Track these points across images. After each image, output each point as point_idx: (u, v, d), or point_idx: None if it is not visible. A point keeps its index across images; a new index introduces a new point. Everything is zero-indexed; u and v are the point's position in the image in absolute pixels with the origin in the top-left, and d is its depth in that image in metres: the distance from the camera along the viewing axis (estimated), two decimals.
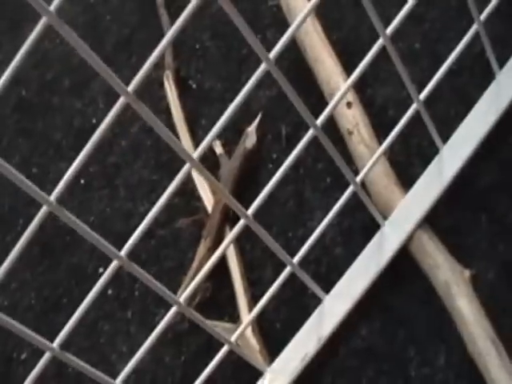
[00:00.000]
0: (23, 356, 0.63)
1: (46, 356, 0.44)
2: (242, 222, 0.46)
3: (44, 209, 0.38)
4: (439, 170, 0.51)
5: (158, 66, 0.69)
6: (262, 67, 0.39)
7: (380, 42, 0.46)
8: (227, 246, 0.47)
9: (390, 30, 0.45)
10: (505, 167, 0.52)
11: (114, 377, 0.58)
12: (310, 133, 0.45)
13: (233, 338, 0.49)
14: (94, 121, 0.70)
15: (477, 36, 0.52)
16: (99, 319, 0.61)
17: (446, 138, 0.53)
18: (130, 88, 0.36)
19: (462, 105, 0.55)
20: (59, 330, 0.66)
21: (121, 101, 0.36)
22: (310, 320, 0.51)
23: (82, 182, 0.68)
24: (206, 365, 0.52)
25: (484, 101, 0.54)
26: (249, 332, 0.52)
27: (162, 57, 0.69)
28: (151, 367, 0.57)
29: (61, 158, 0.70)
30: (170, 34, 0.37)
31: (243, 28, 0.37)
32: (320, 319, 0.51)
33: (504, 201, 0.51)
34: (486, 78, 0.55)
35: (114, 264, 0.43)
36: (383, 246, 0.51)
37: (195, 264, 0.56)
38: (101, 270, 0.63)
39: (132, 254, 0.66)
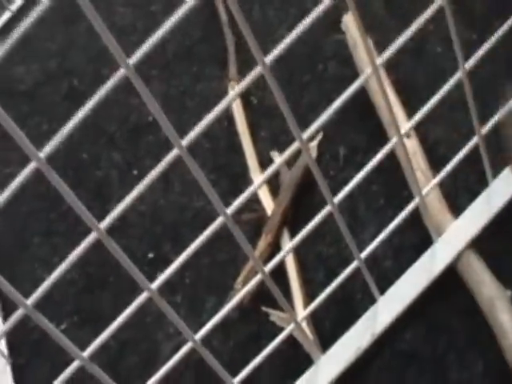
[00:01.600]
0: (62, 326, 0.67)
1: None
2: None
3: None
4: (489, 200, 0.61)
5: (222, 77, 0.76)
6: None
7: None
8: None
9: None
10: None
11: (158, 354, 0.63)
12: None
13: (299, 318, 0.55)
14: (150, 119, 0.76)
15: None
16: (146, 300, 0.66)
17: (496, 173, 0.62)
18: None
19: None
20: (104, 307, 0.71)
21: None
22: (364, 317, 0.59)
23: (135, 172, 0.74)
24: (254, 353, 0.58)
25: None
26: (304, 324, 0.58)
27: (226, 68, 0.77)
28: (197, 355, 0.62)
29: (114, 148, 0.76)
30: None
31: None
32: (374, 317, 0.58)
33: None
34: None
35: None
36: (435, 260, 0.59)
37: (256, 255, 0.61)
38: (150, 255, 0.68)
39: (182, 243, 0.72)
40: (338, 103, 0.50)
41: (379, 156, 0.55)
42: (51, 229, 0.73)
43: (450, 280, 0.60)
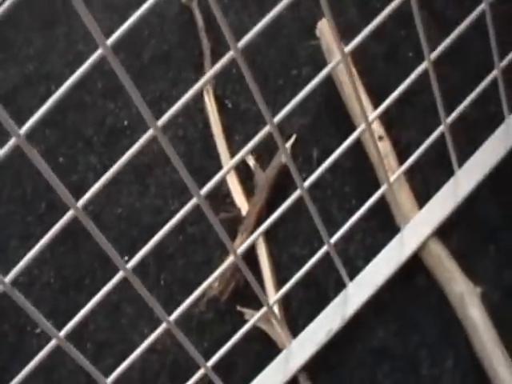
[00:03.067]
0: (37, 330, 0.68)
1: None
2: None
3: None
4: (455, 189, 0.64)
5: (198, 80, 0.78)
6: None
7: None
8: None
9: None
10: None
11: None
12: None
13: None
14: (125, 123, 0.78)
15: None
16: (121, 301, 0.68)
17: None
18: (160, 122, 0.46)
19: (483, 132, 0.66)
20: (79, 308, 0.72)
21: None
22: (334, 301, 0.62)
23: None
24: (229, 353, 0.59)
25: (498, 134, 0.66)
26: (275, 310, 0.60)
27: (202, 71, 0.78)
28: (173, 350, 0.64)
29: (91, 151, 0.77)
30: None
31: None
32: (345, 301, 0.61)
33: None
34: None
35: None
36: (403, 246, 0.62)
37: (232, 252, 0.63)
38: (126, 257, 0.69)
39: (159, 246, 0.73)
40: (308, 88, 0.52)
41: (348, 141, 0.58)
42: (28, 232, 0.74)
43: (421, 277, 0.62)
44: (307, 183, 0.56)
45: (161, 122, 0.47)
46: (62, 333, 0.51)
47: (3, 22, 0.75)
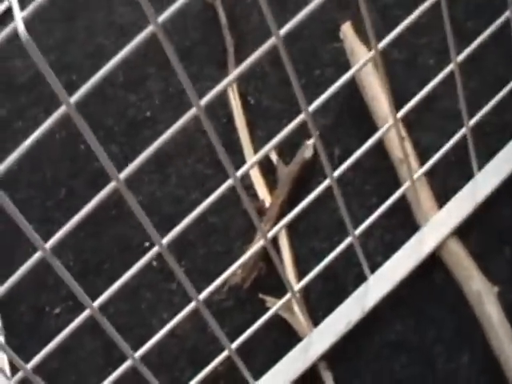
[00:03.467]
0: (56, 310, 0.69)
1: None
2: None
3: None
4: (474, 191, 0.66)
5: (221, 77, 0.79)
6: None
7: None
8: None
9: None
10: None
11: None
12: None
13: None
14: (148, 114, 0.79)
15: None
16: (141, 287, 0.69)
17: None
18: (203, 102, 0.47)
19: (501, 140, 0.69)
20: (98, 293, 0.73)
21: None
22: (355, 293, 0.63)
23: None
24: (249, 341, 0.60)
25: None
26: (296, 306, 0.61)
27: (225, 69, 0.80)
28: (192, 335, 0.65)
29: (112, 140, 0.78)
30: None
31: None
32: (365, 293, 0.62)
33: None
34: None
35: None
36: (423, 242, 0.64)
37: (255, 242, 0.64)
38: (146, 244, 0.71)
39: (179, 235, 0.74)
40: (340, 82, 0.54)
41: (376, 135, 0.60)
42: (47, 216, 0.75)
43: (439, 275, 0.63)
44: (337, 173, 0.57)
45: (203, 101, 0.48)
46: (96, 303, 0.51)
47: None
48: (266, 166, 0.72)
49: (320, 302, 0.64)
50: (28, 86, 0.85)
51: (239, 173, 0.53)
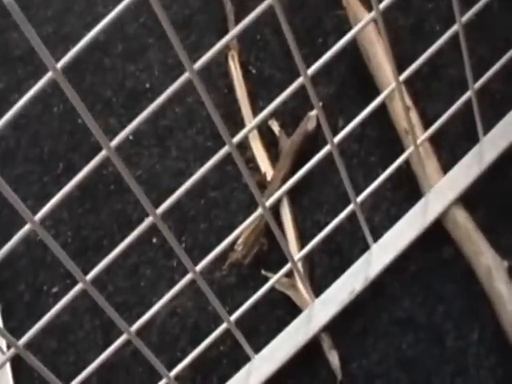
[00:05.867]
0: (54, 289, 0.66)
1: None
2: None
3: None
4: (480, 156, 0.62)
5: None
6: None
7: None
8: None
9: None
10: None
11: (152, 319, 0.62)
12: None
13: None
14: (147, 85, 0.75)
15: None
16: (141, 264, 0.66)
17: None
18: (196, 66, 0.44)
19: (509, 106, 0.65)
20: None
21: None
22: (358, 262, 0.60)
23: (131, 137, 0.73)
24: (251, 318, 0.57)
25: None
26: (299, 281, 0.59)
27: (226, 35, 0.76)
28: (193, 314, 0.62)
29: (110, 113, 0.75)
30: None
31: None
32: (368, 262, 0.60)
33: None
34: None
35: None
36: (428, 209, 0.61)
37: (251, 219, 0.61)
38: (146, 219, 0.67)
39: (179, 210, 0.71)
40: (340, 44, 0.52)
41: (379, 98, 0.56)
42: (45, 191, 0.71)
43: (448, 250, 0.60)
44: (337, 139, 0.54)
45: (197, 65, 0.45)
46: (89, 277, 0.48)
47: None
48: (268, 140, 0.69)
49: (325, 278, 0.61)
50: (25, 59, 0.81)
51: (236, 139, 0.50)
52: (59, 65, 0.41)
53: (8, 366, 0.62)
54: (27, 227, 0.46)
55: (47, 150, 0.74)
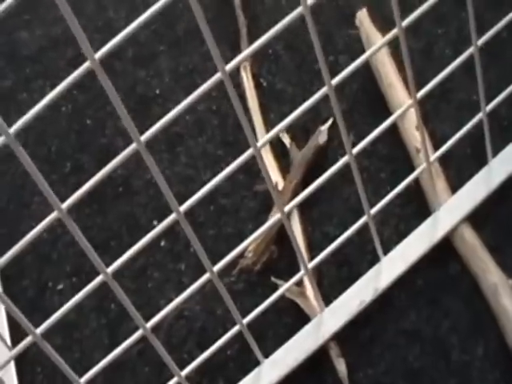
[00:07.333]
0: (59, 286, 0.66)
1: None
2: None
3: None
4: (488, 177, 0.65)
5: (234, 57, 0.77)
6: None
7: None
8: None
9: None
10: None
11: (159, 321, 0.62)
12: None
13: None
14: (157, 91, 0.76)
15: None
16: (149, 266, 0.66)
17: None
18: (228, 67, 0.46)
19: None
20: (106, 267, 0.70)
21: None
22: (367, 274, 0.62)
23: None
24: (259, 325, 0.58)
25: None
26: (308, 290, 0.59)
27: (237, 49, 0.77)
28: (201, 317, 0.62)
29: (119, 116, 0.75)
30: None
31: None
32: (377, 274, 0.61)
33: None
34: None
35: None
36: (437, 225, 0.63)
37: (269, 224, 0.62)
38: (155, 222, 0.68)
39: (189, 216, 0.72)
40: (358, 62, 0.53)
41: (394, 116, 0.58)
42: (52, 190, 0.71)
43: (454, 266, 0.62)
44: (355, 150, 0.55)
45: (228, 67, 0.48)
46: (110, 269, 0.49)
47: None
48: (278, 151, 0.70)
49: (333, 288, 0.62)
50: (33, 58, 0.82)
51: (261, 142, 0.50)
52: (97, 55, 0.42)
53: (12, 363, 0.61)
54: (54, 215, 0.47)
55: (54, 149, 0.75)
